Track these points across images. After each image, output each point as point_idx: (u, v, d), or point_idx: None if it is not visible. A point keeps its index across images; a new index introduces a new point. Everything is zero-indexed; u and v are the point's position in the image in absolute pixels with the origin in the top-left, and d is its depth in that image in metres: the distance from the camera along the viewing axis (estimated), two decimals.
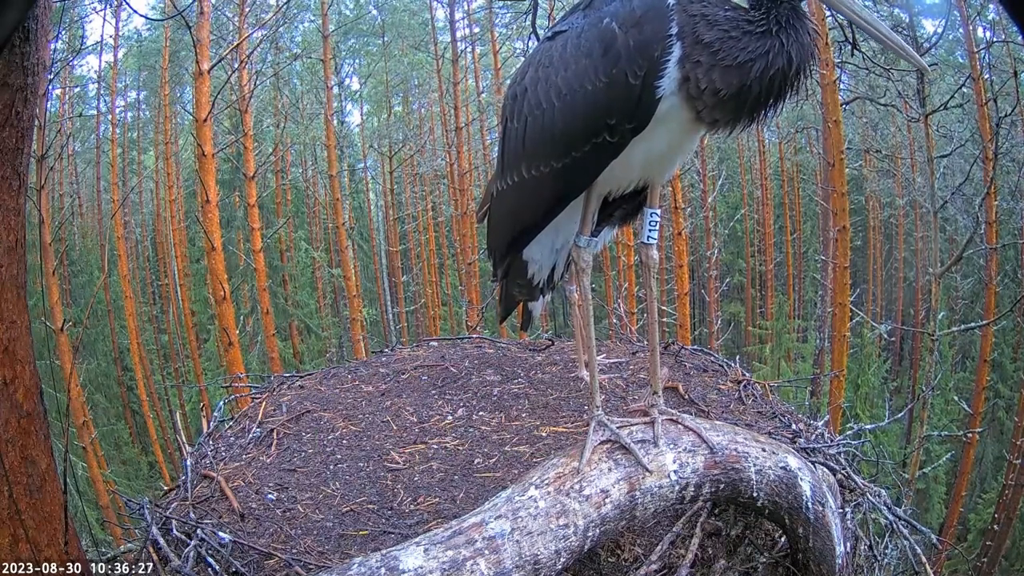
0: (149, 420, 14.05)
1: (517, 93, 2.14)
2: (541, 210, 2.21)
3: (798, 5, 1.85)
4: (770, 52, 1.80)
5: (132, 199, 16.70)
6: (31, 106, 2.08)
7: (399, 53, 16.97)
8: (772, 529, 2.35)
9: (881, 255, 18.06)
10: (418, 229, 19.01)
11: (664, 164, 2.15)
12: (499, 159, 2.28)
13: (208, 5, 7.58)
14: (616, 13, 1.85)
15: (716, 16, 1.80)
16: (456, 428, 2.97)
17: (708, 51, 1.79)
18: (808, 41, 1.86)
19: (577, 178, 2.06)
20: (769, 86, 1.83)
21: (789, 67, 1.82)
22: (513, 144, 2.16)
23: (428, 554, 1.66)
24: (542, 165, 2.06)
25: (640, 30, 1.81)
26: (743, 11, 1.83)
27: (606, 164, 2.01)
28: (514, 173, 2.17)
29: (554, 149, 2.02)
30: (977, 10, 8.86)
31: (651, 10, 1.81)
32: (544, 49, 2.08)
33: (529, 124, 2.07)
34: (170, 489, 2.90)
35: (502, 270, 2.66)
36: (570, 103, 1.94)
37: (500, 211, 2.44)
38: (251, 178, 9.92)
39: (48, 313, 8.08)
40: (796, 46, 1.83)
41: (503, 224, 2.44)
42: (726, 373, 3.48)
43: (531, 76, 2.08)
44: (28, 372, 2.15)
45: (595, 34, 1.88)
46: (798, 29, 1.84)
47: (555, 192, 2.12)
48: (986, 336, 9.47)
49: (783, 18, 1.82)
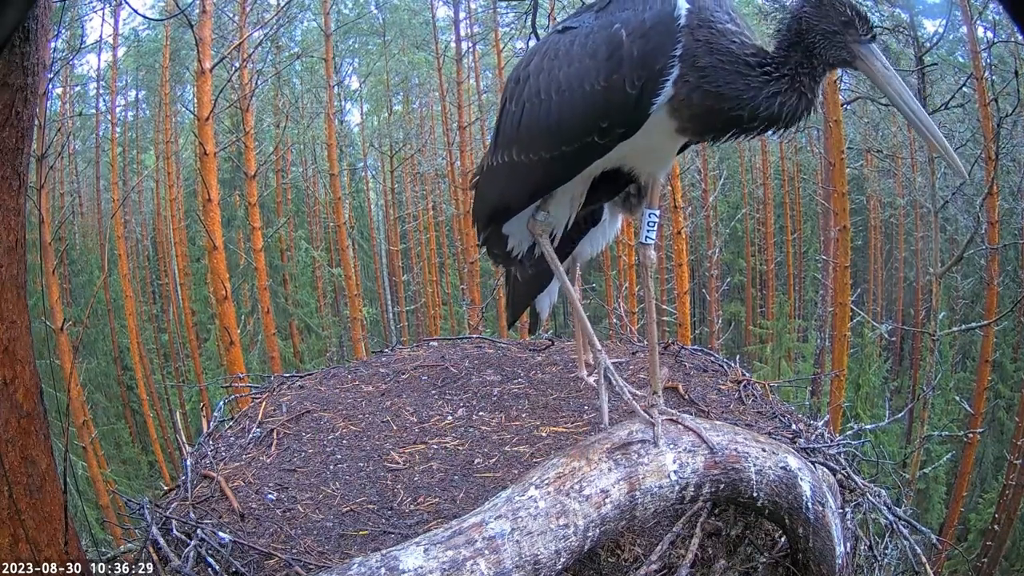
0: (149, 420, 14.05)
1: (520, 77, 2.17)
2: (525, 193, 2.27)
3: (818, 75, 1.88)
4: (752, 94, 1.84)
5: (132, 198, 16.70)
6: (31, 106, 2.08)
7: (399, 52, 16.97)
8: (772, 529, 2.35)
9: (882, 255, 18.05)
10: (418, 228, 19.02)
11: (647, 159, 2.21)
12: (494, 136, 2.31)
13: (210, 4, 7.57)
14: (627, 20, 1.88)
15: (719, 45, 1.84)
16: (456, 428, 2.97)
17: (698, 73, 1.84)
18: (801, 106, 1.88)
19: (561, 171, 2.12)
20: (734, 121, 1.89)
21: (762, 114, 1.86)
22: (508, 127, 2.19)
23: (428, 554, 1.66)
24: (532, 153, 2.11)
25: (646, 41, 1.84)
26: (755, 50, 1.86)
27: (591, 162, 2.08)
28: (505, 154, 2.21)
29: (545, 141, 2.07)
30: (978, 10, 8.84)
31: (660, 24, 1.84)
32: (552, 41, 2.11)
33: (526, 111, 2.11)
34: (170, 489, 2.90)
35: (483, 237, 2.68)
36: (568, 100, 1.98)
37: (487, 186, 2.48)
38: (252, 177, 9.92)
39: (48, 312, 8.08)
40: (787, 103, 1.86)
41: (488, 198, 2.49)
42: (726, 373, 3.48)
43: (535, 64, 2.11)
44: (28, 372, 2.15)
45: (603, 37, 1.91)
46: (801, 91, 1.87)
47: (539, 180, 2.18)
48: (987, 336, 9.46)
49: (792, 74, 1.86)
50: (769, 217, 18.18)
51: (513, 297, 3.61)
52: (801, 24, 1.87)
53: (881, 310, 17.43)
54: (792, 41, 1.88)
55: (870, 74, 1.92)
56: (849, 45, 1.88)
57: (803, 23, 1.87)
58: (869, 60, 1.90)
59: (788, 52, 1.88)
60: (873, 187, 16.24)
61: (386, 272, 17.94)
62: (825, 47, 1.87)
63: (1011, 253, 11.55)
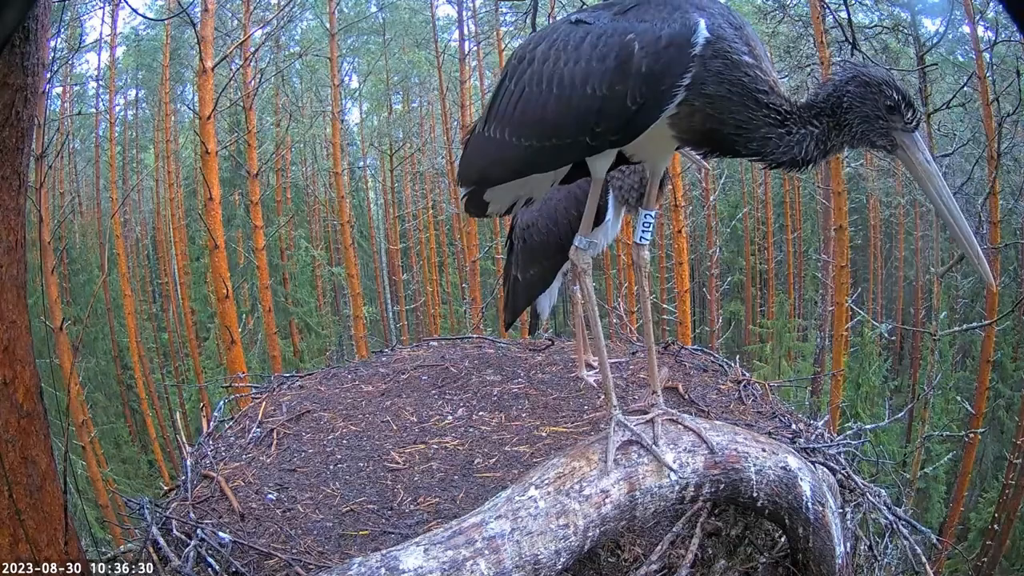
0: (148, 419, 14.04)
1: (525, 57, 2.10)
2: (509, 171, 2.22)
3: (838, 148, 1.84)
4: (760, 133, 1.81)
5: (132, 198, 16.69)
6: (31, 106, 2.08)
7: (399, 51, 16.95)
8: (772, 529, 2.35)
9: (881, 254, 18.04)
10: (418, 227, 19.00)
11: (644, 151, 2.18)
12: (488, 106, 2.25)
13: (212, 3, 7.56)
14: (643, 33, 1.81)
15: (731, 76, 1.78)
16: (456, 428, 2.97)
17: (704, 100, 1.80)
18: (794, 159, 1.83)
19: (548, 161, 2.08)
20: (730, 146, 1.87)
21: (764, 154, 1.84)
22: (503, 105, 2.14)
23: (428, 554, 1.66)
24: (523, 138, 2.06)
25: (656, 59, 1.78)
26: (769, 87, 1.80)
27: (579, 159, 2.06)
28: (496, 129, 2.15)
29: (536, 131, 2.03)
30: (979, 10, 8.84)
31: (674, 46, 1.77)
32: (564, 32, 2.04)
33: (524, 96, 2.05)
34: (170, 489, 2.90)
35: (465, 194, 2.63)
36: (567, 97, 1.93)
37: (474, 152, 2.41)
38: (254, 176, 9.92)
39: (47, 312, 8.08)
40: (785, 153, 1.82)
41: (474, 164, 2.42)
42: (726, 373, 3.48)
43: (542, 51, 2.04)
44: (28, 372, 2.15)
45: (616, 43, 1.84)
46: (807, 152, 1.82)
47: (525, 164, 2.13)
48: (988, 336, 9.45)
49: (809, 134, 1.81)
50: (769, 216, 18.17)
51: (512, 297, 3.60)
52: (843, 102, 1.80)
53: (881, 309, 17.42)
54: (826, 112, 1.82)
55: (910, 166, 1.86)
56: (891, 133, 1.82)
57: (845, 101, 1.80)
58: (911, 152, 1.83)
59: (816, 117, 1.82)
60: (873, 186, 16.23)
61: (386, 271, 17.93)
62: (864, 129, 1.81)
63: (1011, 253, 11.55)
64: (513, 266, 3.55)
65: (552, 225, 3.31)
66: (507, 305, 3.69)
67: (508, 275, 3.63)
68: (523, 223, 3.45)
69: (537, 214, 3.36)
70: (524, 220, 3.44)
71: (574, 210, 3.19)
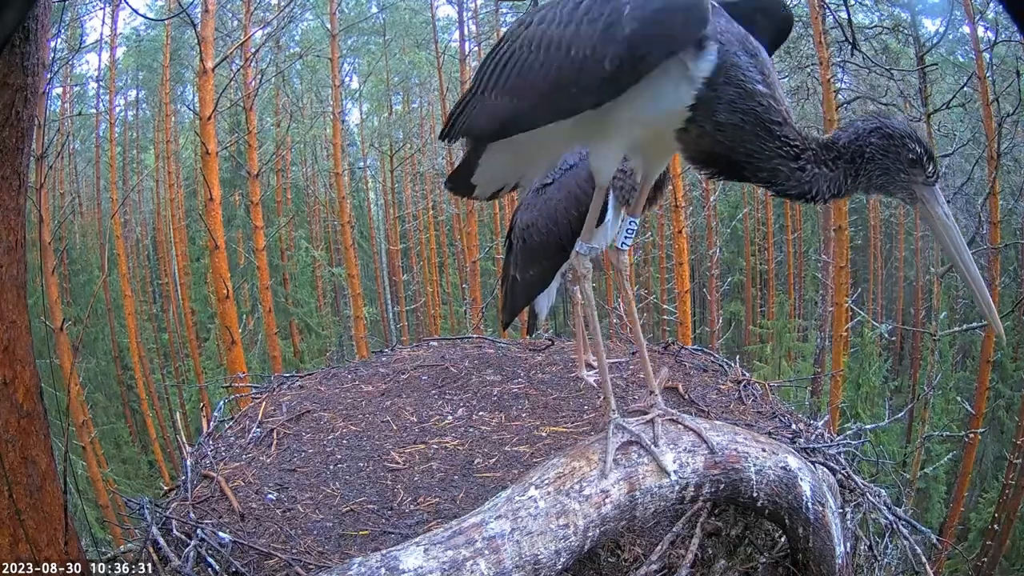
0: (148, 419, 14.05)
1: (524, 21, 2.06)
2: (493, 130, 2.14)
3: (851, 191, 1.83)
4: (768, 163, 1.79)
5: (132, 198, 16.69)
6: (31, 106, 2.08)
7: (400, 52, 16.95)
8: (772, 529, 2.35)
9: (882, 254, 18.04)
10: (418, 228, 19.00)
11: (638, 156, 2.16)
12: (482, 64, 2.18)
13: (213, 3, 7.56)
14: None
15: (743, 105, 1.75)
16: (456, 428, 2.97)
17: (715, 127, 1.78)
18: (803, 193, 1.81)
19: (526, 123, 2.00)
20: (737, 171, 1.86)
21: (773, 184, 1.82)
22: (496, 67, 2.07)
23: (428, 554, 1.66)
24: (507, 98, 2.00)
25: (641, 23, 1.69)
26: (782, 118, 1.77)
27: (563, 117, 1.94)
28: (486, 90, 2.10)
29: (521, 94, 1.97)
30: (979, 10, 8.84)
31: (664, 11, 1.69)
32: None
33: (514, 57, 1.99)
34: (170, 489, 2.90)
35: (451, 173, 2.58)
36: (552, 59, 1.85)
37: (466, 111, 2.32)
38: (255, 176, 9.92)
39: (48, 312, 8.08)
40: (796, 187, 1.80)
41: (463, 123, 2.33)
42: (726, 373, 3.49)
43: (540, 16, 1.98)
44: (28, 372, 2.15)
45: (609, 6, 1.76)
46: (819, 188, 1.80)
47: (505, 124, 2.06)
48: (988, 336, 9.45)
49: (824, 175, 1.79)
50: (769, 216, 18.17)
51: (510, 298, 3.59)
52: (864, 152, 1.79)
53: (881, 310, 17.42)
54: (845, 158, 1.80)
55: (929, 219, 1.86)
56: (911, 186, 1.82)
57: (867, 152, 1.79)
58: (931, 206, 1.84)
59: (834, 160, 1.80)
60: None
61: (386, 272, 17.93)
62: (884, 181, 1.81)
63: (1011, 253, 11.55)
64: (512, 266, 3.54)
65: (552, 225, 3.30)
66: (505, 305, 3.68)
67: (506, 275, 3.62)
68: (523, 223, 3.44)
69: (537, 214, 3.36)
70: (524, 220, 3.43)
71: (574, 210, 3.19)
